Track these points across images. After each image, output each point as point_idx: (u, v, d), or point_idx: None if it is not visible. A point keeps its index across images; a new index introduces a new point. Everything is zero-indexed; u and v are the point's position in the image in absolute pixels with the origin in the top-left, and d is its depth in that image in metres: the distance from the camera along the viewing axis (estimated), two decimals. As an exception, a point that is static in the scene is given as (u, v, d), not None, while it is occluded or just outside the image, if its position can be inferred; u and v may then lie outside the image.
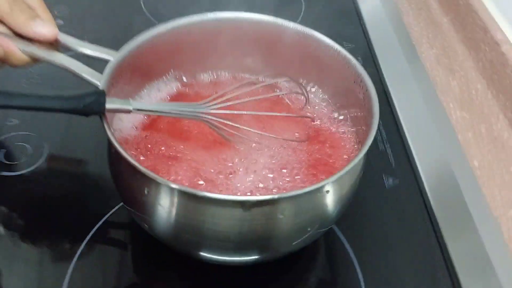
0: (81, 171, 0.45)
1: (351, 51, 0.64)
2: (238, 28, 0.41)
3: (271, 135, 0.38)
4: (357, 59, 0.61)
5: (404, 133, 0.53)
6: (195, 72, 0.44)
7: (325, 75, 0.41)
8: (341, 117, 0.41)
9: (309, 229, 0.32)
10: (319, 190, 0.30)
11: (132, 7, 0.66)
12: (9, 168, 0.43)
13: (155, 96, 0.42)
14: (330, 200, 0.32)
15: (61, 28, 0.42)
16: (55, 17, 0.58)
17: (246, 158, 0.37)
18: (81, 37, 0.39)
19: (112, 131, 0.32)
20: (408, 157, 0.50)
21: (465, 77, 0.51)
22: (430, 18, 0.71)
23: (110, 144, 0.32)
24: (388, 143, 0.51)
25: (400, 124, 0.54)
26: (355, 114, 0.39)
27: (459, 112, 0.51)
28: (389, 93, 0.58)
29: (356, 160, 0.31)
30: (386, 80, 0.61)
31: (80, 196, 0.43)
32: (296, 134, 0.40)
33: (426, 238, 0.43)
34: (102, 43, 0.52)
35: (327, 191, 0.31)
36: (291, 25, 0.41)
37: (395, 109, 0.56)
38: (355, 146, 0.39)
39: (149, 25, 0.64)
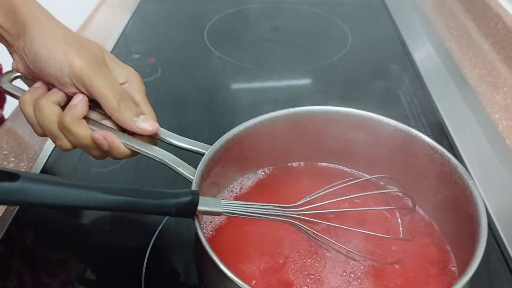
0: (156, 171, 0.48)
1: (397, 73, 0.70)
2: (335, 121, 0.41)
3: (367, 257, 0.35)
4: (403, 79, 0.68)
5: (454, 143, 0.55)
6: (287, 162, 0.44)
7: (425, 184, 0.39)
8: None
9: None
10: None
11: (196, 41, 0.74)
12: (98, 165, 0.49)
13: (246, 184, 0.43)
14: None
15: (137, 60, 0.46)
16: (132, 52, 0.68)
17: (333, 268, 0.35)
18: (154, 66, 0.41)
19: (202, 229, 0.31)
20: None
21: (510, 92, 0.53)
22: (471, 42, 0.75)
23: (199, 243, 0.31)
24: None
25: (451, 136, 0.56)
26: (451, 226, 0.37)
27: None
28: (437, 108, 0.62)
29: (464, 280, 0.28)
30: (433, 97, 0.64)
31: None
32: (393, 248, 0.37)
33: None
34: (172, 72, 0.57)
35: None
36: (393, 123, 0.39)
37: (444, 124, 0.59)
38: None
39: (211, 56, 0.73)
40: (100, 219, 0.47)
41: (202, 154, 0.37)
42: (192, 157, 0.39)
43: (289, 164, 0.45)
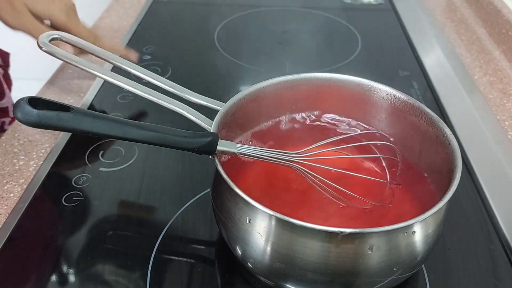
0: (164, 172, 0.52)
1: (407, 78, 0.70)
2: (334, 87, 0.46)
3: (357, 196, 0.39)
4: (413, 84, 0.68)
5: (464, 150, 0.55)
6: (293, 120, 0.48)
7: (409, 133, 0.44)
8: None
9: (395, 269, 0.34)
10: (407, 228, 0.32)
11: (207, 44, 0.75)
12: (106, 165, 0.52)
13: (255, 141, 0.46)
14: (417, 240, 0.34)
15: (148, 61, 0.49)
16: (143, 53, 0.70)
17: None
18: (165, 66, 0.42)
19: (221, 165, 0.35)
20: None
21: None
22: (481, 48, 0.75)
23: (217, 174, 0.35)
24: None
25: (460, 143, 0.56)
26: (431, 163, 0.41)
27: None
28: (446, 114, 0.62)
29: (441, 204, 0.33)
30: (443, 103, 0.64)
31: (159, 192, 0.49)
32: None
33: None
34: (182, 73, 0.58)
35: (413, 232, 0.33)
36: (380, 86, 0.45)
37: (453, 128, 0.59)
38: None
39: (221, 58, 0.73)
40: (107, 218, 0.47)
41: (217, 110, 0.41)
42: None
43: (293, 115, 0.49)
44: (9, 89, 0.74)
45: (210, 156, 0.38)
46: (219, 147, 0.37)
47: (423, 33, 0.81)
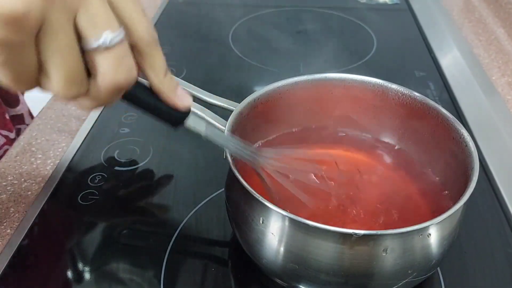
0: (178, 171, 0.53)
1: (423, 79, 0.69)
2: (348, 88, 0.46)
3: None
4: (429, 85, 0.67)
5: (481, 152, 0.54)
6: (306, 126, 0.48)
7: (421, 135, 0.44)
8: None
9: (409, 272, 0.33)
10: (422, 231, 0.32)
11: (222, 44, 0.75)
12: (121, 164, 0.53)
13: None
14: (432, 242, 0.33)
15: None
16: None
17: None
18: (180, 67, 0.42)
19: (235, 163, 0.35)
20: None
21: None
22: (500, 49, 0.73)
23: (231, 174, 0.35)
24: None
25: (478, 145, 0.55)
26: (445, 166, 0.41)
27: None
28: (463, 115, 0.61)
29: (457, 206, 0.32)
30: (460, 104, 0.63)
31: (173, 191, 0.50)
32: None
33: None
34: (196, 73, 0.57)
35: (429, 234, 0.33)
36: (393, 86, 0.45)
37: (470, 130, 0.58)
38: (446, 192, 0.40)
39: (236, 58, 0.74)
40: (122, 217, 0.47)
41: (231, 111, 0.41)
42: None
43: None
44: (22, 92, 0.74)
45: (223, 156, 0.37)
46: (189, 122, 0.35)
47: (439, 33, 0.80)
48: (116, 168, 0.52)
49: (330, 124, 0.49)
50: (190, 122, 0.36)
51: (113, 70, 0.28)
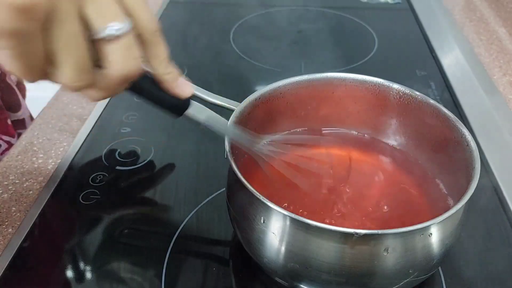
0: (179, 171, 0.53)
1: (424, 78, 0.69)
2: (350, 87, 0.46)
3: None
4: (430, 85, 0.67)
5: (482, 152, 0.54)
6: (306, 125, 0.48)
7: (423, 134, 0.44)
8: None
9: (411, 271, 0.33)
10: (423, 230, 0.32)
11: (223, 43, 0.76)
12: (122, 164, 0.53)
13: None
14: (433, 242, 0.33)
15: None
16: None
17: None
18: (180, 66, 0.42)
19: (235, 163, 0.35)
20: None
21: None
22: (501, 48, 0.73)
23: (232, 174, 0.35)
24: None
25: (479, 145, 0.55)
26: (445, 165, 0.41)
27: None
28: (464, 115, 0.61)
29: (459, 206, 0.32)
30: (461, 103, 0.63)
31: (175, 191, 0.50)
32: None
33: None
34: (197, 72, 0.58)
35: (430, 234, 0.33)
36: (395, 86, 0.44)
37: (471, 130, 0.58)
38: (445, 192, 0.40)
39: (237, 58, 0.74)
40: (123, 217, 0.48)
41: (232, 110, 0.41)
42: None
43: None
44: (24, 95, 0.72)
45: (225, 156, 0.38)
46: (188, 110, 0.36)
47: (441, 32, 0.80)
48: (117, 167, 0.53)
49: (330, 124, 0.49)
50: (191, 110, 0.36)
51: (122, 59, 0.28)
